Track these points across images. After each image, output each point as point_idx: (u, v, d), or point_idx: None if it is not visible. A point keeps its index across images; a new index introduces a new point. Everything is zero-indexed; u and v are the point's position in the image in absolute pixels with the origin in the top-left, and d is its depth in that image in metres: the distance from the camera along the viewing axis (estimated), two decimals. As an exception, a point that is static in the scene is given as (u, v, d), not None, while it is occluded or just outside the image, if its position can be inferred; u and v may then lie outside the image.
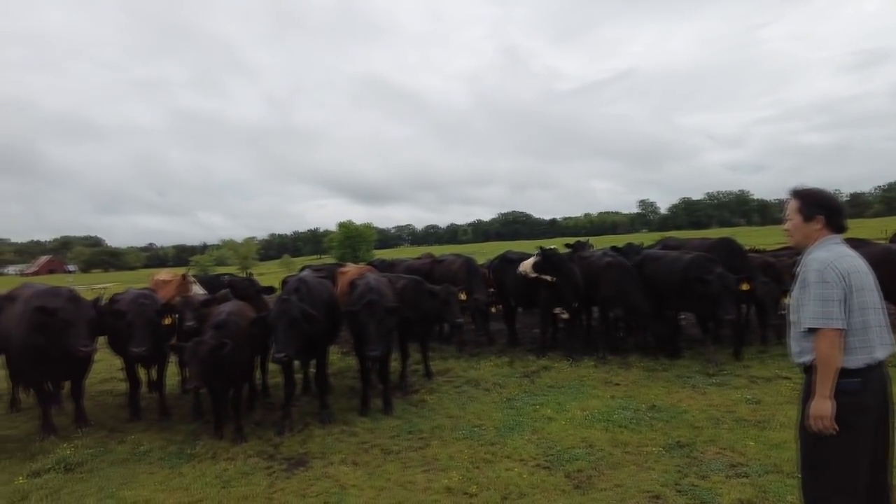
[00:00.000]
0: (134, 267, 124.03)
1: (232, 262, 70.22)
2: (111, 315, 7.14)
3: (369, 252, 58.48)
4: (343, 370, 9.46)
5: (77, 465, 5.88)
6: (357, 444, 6.11)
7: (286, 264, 67.37)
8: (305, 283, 7.11)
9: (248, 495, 5.07)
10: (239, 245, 75.97)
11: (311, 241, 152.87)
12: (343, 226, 62.40)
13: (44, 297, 6.72)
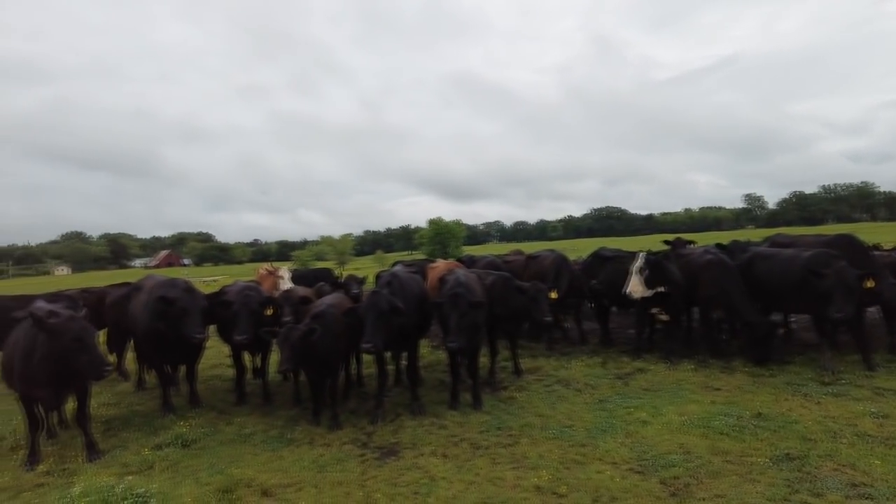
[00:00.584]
0: (241, 261, 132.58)
1: (330, 258, 73.38)
2: (220, 305, 7.70)
3: (458, 248, 59.01)
4: (433, 364, 9.61)
5: (192, 442, 6.41)
6: (447, 437, 6.20)
7: (379, 260, 69.41)
8: (397, 277, 7.30)
9: (342, 481, 5.29)
10: (336, 241, 79.19)
11: (403, 237, 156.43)
12: (433, 222, 63.46)
13: (164, 287, 7.36)
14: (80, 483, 4.91)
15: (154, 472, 5.61)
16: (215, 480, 5.27)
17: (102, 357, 5.66)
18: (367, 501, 4.89)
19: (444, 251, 55.76)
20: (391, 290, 6.93)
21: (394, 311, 6.53)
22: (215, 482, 5.22)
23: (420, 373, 7.97)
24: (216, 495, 4.99)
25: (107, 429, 7.06)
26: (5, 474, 5.75)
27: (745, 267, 8.97)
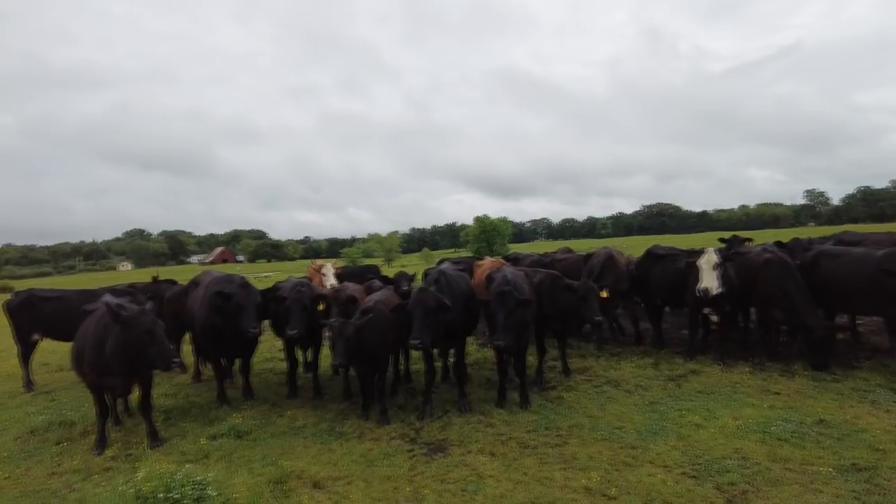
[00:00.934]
0: (293, 258, 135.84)
1: (378, 255, 74.40)
2: (273, 300, 7.91)
3: (504, 246, 58.75)
4: (480, 361, 9.60)
5: (245, 433, 6.61)
6: (494, 436, 6.19)
7: (426, 257, 69.80)
8: (445, 275, 7.32)
9: (390, 476, 5.35)
10: (384, 238, 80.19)
11: (449, 234, 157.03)
12: (479, 220, 63.33)
13: (221, 283, 7.62)
14: (144, 469, 5.12)
15: (210, 461, 5.82)
16: (268, 471, 5.42)
17: (171, 349, 5.91)
18: (415, 497, 4.93)
19: (490, 249, 55.62)
20: (438, 287, 6.96)
21: (441, 309, 6.55)
22: (268, 473, 5.37)
23: (466, 370, 7.97)
24: (269, 486, 5.13)
25: (166, 418, 7.36)
26: (76, 458, 6.08)
27: (809, 266, 8.57)
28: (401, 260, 75.34)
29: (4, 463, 6.07)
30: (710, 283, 8.09)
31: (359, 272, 13.24)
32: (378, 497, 4.95)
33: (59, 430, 6.99)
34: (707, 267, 8.20)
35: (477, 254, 45.14)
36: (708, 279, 8.13)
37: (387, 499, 4.92)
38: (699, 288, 8.13)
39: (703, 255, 8.36)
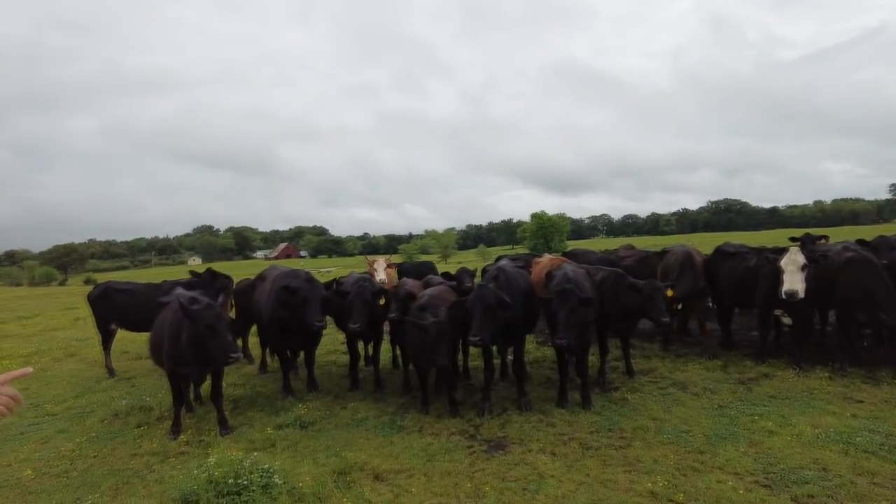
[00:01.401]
0: (352, 253, 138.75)
1: (434, 251, 74.95)
2: (336, 295, 8.09)
3: (562, 243, 57.95)
4: (539, 360, 9.49)
5: (310, 424, 6.80)
6: (555, 435, 6.11)
7: (482, 254, 69.75)
8: (504, 271, 7.27)
9: (451, 471, 5.37)
10: (440, 235, 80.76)
11: (505, 231, 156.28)
12: (536, 216, 62.68)
13: (287, 277, 7.85)
14: (215, 455, 5.36)
15: (276, 450, 6.02)
16: (331, 462, 5.55)
17: (231, 344, 6.07)
18: (475, 493, 4.93)
19: (548, 246, 54.97)
20: (498, 284, 6.92)
21: (501, 306, 6.51)
22: (331, 464, 5.50)
23: (526, 368, 7.90)
24: (332, 476, 5.25)
25: (234, 407, 7.66)
26: (154, 441, 6.43)
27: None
28: (457, 256, 75.64)
29: (93, 442, 6.49)
30: (797, 286, 7.57)
31: (417, 268, 13.37)
32: (438, 492, 4.98)
33: (139, 414, 7.40)
34: (793, 268, 7.66)
35: (534, 251, 44.72)
36: (794, 281, 7.61)
37: (447, 494, 4.95)
38: (785, 291, 7.61)
39: (787, 254, 7.83)
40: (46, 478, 5.64)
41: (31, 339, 14.44)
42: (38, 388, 9.26)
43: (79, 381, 9.54)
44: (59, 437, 6.78)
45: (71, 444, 6.47)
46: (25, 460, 6.10)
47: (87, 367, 10.73)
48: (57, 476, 5.67)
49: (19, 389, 6.13)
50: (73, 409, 7.89)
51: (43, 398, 8.55)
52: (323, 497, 4.88)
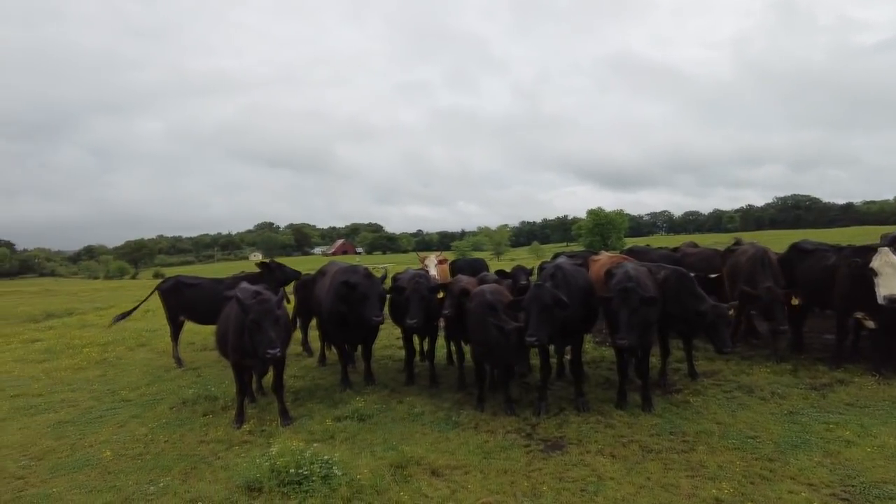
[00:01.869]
0: (406, 250, 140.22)
1: (486, 248, 74.76)
2: (393, 290, 8.18)
3: (620, 240, 56.58)
4: (597, 360, 9.30)
5: (367, 417, 6.90)
6: (614, 437, 5.97)
7: (535, 251, 69.06)
8: (562, 269, 7.16)
9: (507, 469, 5.34)
10: (493, 232, 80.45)
11: (560, 228, 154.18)
12: (592, 213, 61.43)
13: (346, 273, 8.00)
14: (277, 444, 5.53)
15: (336, 442, 6.15)
16: (389, 455, 5.62)
17: (272, 341, 6.07)
18: (532, 493, 4.88)
19: (605, 243, 53.80)
20: (555, 282, 6.81)
21: (558, 305, 6.41)
22: (389, 457, 5.57)
23: (584, 368, 7.76)
24: (390, 470, 5.32)
25: (295, 398, 7.87)
26: (219, 429, 6.69)
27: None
28: (510, 254, 75.21)
29: (164, 429, 6.81)
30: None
31: (471, 265, 13.37)
32: (495, 489, 4.96)
33: (205, 403, 7.71)
34: (891, 271, 7.06)
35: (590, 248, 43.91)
36: (893, 285, 7.05)
37: (504, 492, 4.92)
38: (885, 296, 7.02)
39: (880, 256, 7.19)
40: (123, 459, 5.97)
41: (108, 329, 15.30)
42: (114, 374, 9.81)
43: (150, 370, 10.03)
44: (134, 422, 7.16)
45: (144, 429, 6.82)
46: (105, 442, 6.47)
47: (157, 357, 11.27)
48: (133, 458, 5.99)
49: (99, 375, 6.51)
50: (146, 396, 8.31)
51: (119, 385, 9.05)
52: (381, 490, 4.95)
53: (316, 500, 4.77)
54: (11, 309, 21.96)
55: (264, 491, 4.95)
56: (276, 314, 6.32)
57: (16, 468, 5.87)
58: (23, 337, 14.52)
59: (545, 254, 61.26)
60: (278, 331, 6.29)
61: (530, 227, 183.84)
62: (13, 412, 7.76)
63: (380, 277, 8.15)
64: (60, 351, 12.14)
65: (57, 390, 8.86)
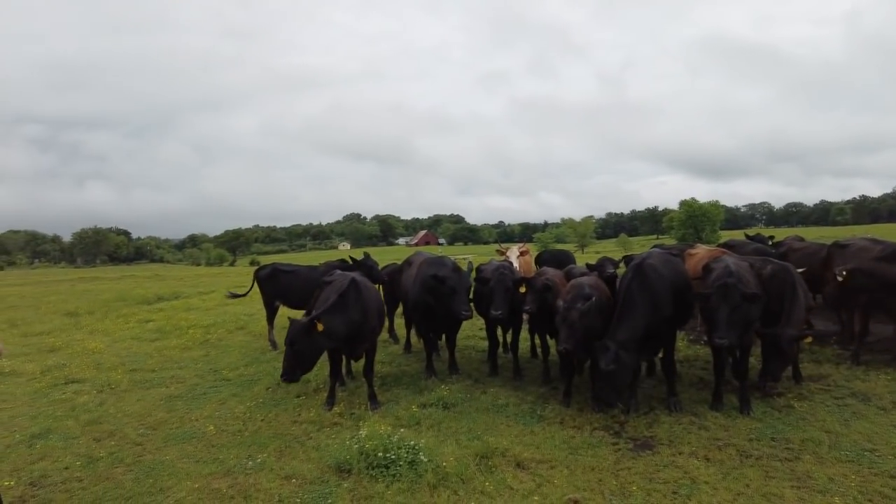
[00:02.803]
0: (487, 241, 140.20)
1: (570, 240, 73.20)
2: (477, 281, 8.20)
3: (714, 233, 53.52)
4: (690, 358, 8.87)
5: (452, 406, 6.97)
6: (709, 439, 5.68)
7: (622, 243, 66.86)
8: (651, 261, 6.87)
9: (594, 466, 5.22)
10: (578, 223, 78.49)
11: (649, 220, 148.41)
12: (685, 204, 58.48)
13: (435, 266, 8.07)
14: (366, 428, 5.71)
15: (421, 429, 6.25)
16: (474, 445, 5.64)
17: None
18: (621, 492, 4.74)
19: (698, 236, 51.11)
20: (641, 276, 6.55)
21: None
22: (474, 447, 5.59)
23: (676, 367, 7.41)
24: (474, 459, 5.34)
25: (382, 384, 8.07)
26: (312, 410, 6.99)
27: None
28: (595, 246, 73.21)
29: (260, 407, 7.21)
30: None
31: (556, 257, 13.12)
32: (581, 486, 4.86)
33: (298, 385, 8.02)
34: None
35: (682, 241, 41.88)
36: None
37: (591, 489, 4.81)
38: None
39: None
40: (224, 434, 6.38)
41: (209, 312, 16.41)
42: (216, 355, 10.50)
43: (248, 352, 10.65)
44: (233, 400, 7.62)
45: (242, 407, 7.25)
46: (208, 417, 6.94)
47: (254, 340, 11.94)
48: (232, 434, 6.39)
49: (203, 355, 6.99)
50: (244, 377, 8.83)
51: (220, 365, 9.68)
52: (466, 479, 4.99)
53: (402, 485, 4.88)
54: (128, 291, 24.05)
55: (353, 472, 5.12)
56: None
57: (135, 435, 6.44)
58: (138, 317, 15.84)
59: (633, 247, 59.13)
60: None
61: (617, 219, 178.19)
62: (132, 385, 8.50)
63: (466, 270, 8.18)
64: (169, 331, 13.13)
65: (167, 367, 9.61)
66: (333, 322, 6.64)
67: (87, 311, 17.61)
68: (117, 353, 10.93)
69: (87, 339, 12.36)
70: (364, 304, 6.95)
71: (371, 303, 7.14)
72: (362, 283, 7.19)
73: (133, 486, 5.19)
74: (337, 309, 6.70)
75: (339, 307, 6.72)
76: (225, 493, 4.96)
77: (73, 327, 14.71)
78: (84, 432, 6.51)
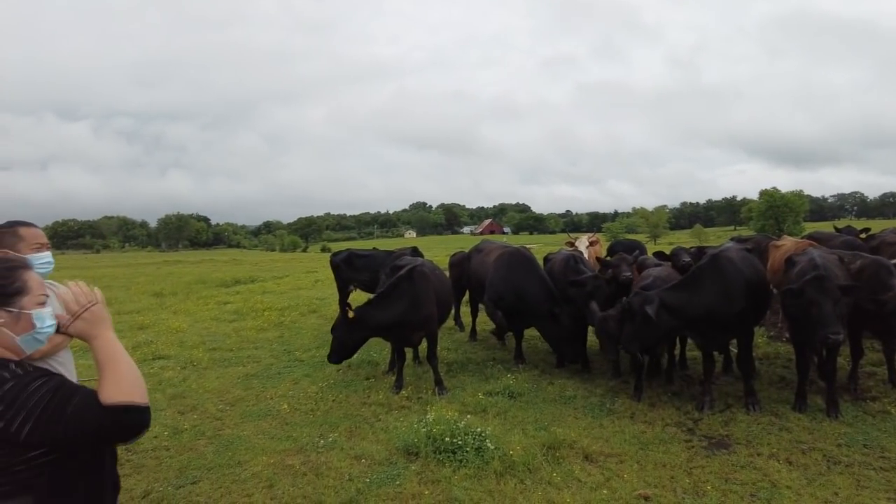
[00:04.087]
0: (553, 231, 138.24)
1: (642, 231, 70.99)
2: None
3: (798, 225, 50.43)
4: (770, 356, 8.41)
5: (518, 395, 6.93)
6: (791, 442, 5.37)
7: (697, 234, 64.19)
8: (725, 254, 6.57)
9: (666, 463, 5.06)
10: (649, 213, 75.96)
11: (727, 210, 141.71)
12: (766, 194, 55.39)
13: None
14: (433, 412, 5.78)
15: (488, 416, 6.26)
16: (540, 435, 5.59)
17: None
18: (694, 490, 4.58)
19: (779, 228, 48.29)
20: (713, 269, 6.30)
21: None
22: (540, 437, 5.55)
23: (755, 364, 7.06)
24: (541, 449, 5.28)
25: (447, 370, 8.14)
26: (380, 393, 7.16)
27: None
28: (668, 237, 70.60)
29: (332, 388, 7.45)
30: None
31: (629, 247, 12.74)
32: (653, 482, 4.73)
33: (367, 367, 8.30)
34: None
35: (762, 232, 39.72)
36: None
37: (662, 486, 4.67)
38: None
39: None
40: (298, 413, 6.63)
41: (283, 296, 17.08)
42: (289, 336, 10.94)
43: (319, 334, 10.99)
44: (306, 381, 7.91)
45: (315, 388, 7.51)
46: (282, 396, 7.24)
47: (326, 323, 12.28)
48: (305, 413, 6.63)
49: (277, 336, 7.30)
50: (316, 358, 9.13)
51: (294, 346, 10.07)
52: (532, 468, 4.96)
53: (469, 471, 4.91)
54: (208, 274, 25.43)
55: (421, 456, 5.20)
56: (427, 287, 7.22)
57: (215, 410, 6.81)
58: (217, 299, 16.72)
59: (709, 238, 56.51)
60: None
61: (692, 209, 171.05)
62: (212, 363, 8.98)
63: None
64: (246, 313, 13.78)
65: (244, 347, 10.09)
66: (372, 313, 6.84)
67: (171, 293, 18.79)
68: (198, 332, 11.58)
69: (172, 319, 13.18)
70: (417, 293, 7.04)
71: (427, 292, 7.20)
72: (421, 271, 7.27)
73: (214, 457, 5.49)
74: (381, 300, 6.94)
75: (383, 298, 6.95)
76: (298, 469, 5.16)
77: (159, 307, 15.72)
78: (170, 405, 6.96)
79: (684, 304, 6.14)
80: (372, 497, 4.61)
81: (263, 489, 4.83)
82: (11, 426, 1.69)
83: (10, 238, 2.97)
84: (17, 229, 3.03)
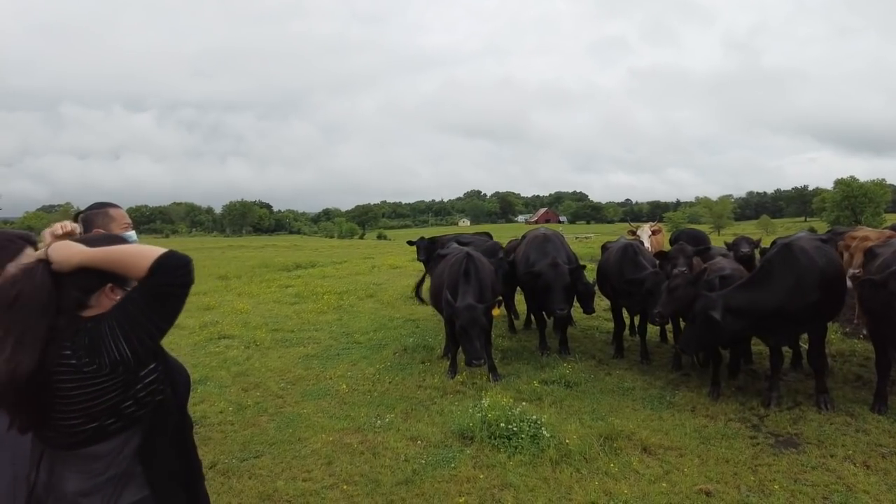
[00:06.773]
0: (612, 220, 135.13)
1: (705, 221, 68.43)
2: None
3: (878, 216, 47.23)
4: (845, 353, 7.95)
5: (574, 384, 6.85)
6: (868, 444, 5.07)
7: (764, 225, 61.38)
8: (797, 244, 6.22)
9: (729, 459, 4.89)
10: (713, 203, 73.06)
11: (796, 200, 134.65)
12: (842, 183, 52.06)
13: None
14: (488, 398, 5.79)
15: (543, 405, 6.21)
16: (597, 426, 5.51)
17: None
18: (760, 489, 4.40)
19: (856, 219, 45.41)
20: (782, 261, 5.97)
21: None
22: (597, 427, 5.46)
23: (828, 361, 6.70)
24: (598, 440, 5.21)
25: (502, 357, 8.12)
26: (435, 377, 7.22)
27: None
28: (732, 227, 67.71)
29: (388, 370, 7.58)
30: None
31: (694, 237, 12.30)
32: (714, 478, 4.57)
33: (423, 351, 8.39)
34: None
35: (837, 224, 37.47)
36: None
37: (725, 482, 4.52)
38: None
39: None
40: (356, 394, 6.79)
41: (342, 280, 17.48)
42: (348, 320, 11.18)
43: (376, 318, 11.20)
44: (364, 362, 8.07)
45: (372, 370, 7.66)
46: (341, 377, 7.42)
47: (382, 307, 12.54)
48: (363, 393, 6.78)
49: (336, 319, 7.48)
50: (373, 341, 9.31)
51: (351, 329, 10.29)
52: (589, 458, 4.89)
53: (524, 458, 4.90)
54: (270, 259, 26.30)
55: (476, 440, 5.23)
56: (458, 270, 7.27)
57: (277, 388, 7.05)
58: (279, 283, 17.27)
59: (777, 229, 53.82)
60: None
61: (759, 199, 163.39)
62: (274, 343, 9.30)
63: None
64: (306, 296, 14.18)
65: (304, 329, 10.39)
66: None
67: (235, 276, 19.54)
68: (261, 313, 12.01)
69: (236, 300, 13.73)
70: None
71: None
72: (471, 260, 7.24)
73: (275, 433, 5.70)
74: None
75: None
76: (356, 448, 5.29)
77: (224, 289, 16.38)
78: (234, 382, 7.26)
79: (752, 304, 5.85)
80: (428, 478, 4.67)
81: (322, 466, 4.98)
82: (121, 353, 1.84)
83: (102, 218, 3.16)
84: (108, 210, 3.22)
